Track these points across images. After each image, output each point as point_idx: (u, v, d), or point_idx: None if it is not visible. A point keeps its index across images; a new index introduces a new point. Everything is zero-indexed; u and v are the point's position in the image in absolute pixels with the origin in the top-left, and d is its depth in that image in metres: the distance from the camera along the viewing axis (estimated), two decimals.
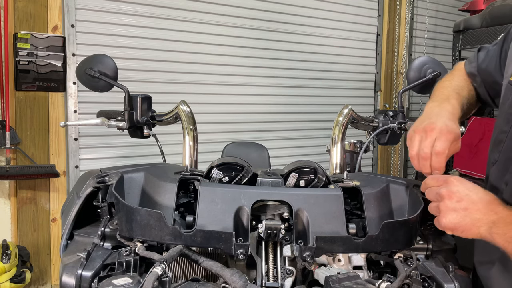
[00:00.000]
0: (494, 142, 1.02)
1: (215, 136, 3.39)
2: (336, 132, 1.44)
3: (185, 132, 1.42)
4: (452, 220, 0.81)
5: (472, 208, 0.81)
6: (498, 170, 0.98)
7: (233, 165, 1.07)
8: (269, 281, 0.93)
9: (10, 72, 2.70)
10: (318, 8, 3.95)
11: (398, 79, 4.55)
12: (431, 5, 4.66)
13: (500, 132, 0.99)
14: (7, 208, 2.80)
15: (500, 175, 0.96)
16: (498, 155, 0.98)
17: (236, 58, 3.56)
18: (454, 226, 0.82)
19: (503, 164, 0.96)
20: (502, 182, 0.95)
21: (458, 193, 0.82)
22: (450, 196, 0.82)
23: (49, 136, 2.89)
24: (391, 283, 0.86)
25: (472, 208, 0.81)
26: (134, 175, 1.05)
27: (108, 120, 1.55)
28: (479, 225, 0.80)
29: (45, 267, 2.98)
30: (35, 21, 2.77)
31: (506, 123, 0.96)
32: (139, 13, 3.13)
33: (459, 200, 0.82)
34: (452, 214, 0.82)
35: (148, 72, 3.19)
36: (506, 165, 0.95)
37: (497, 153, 0.99)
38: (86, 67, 1.48)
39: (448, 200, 0.82)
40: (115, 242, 0.98)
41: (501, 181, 0.96)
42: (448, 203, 0.82)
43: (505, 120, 0.97)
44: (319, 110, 4.02)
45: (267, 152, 2.31)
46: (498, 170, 0.98)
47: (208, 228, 0.90)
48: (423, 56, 1.57)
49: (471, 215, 0.81)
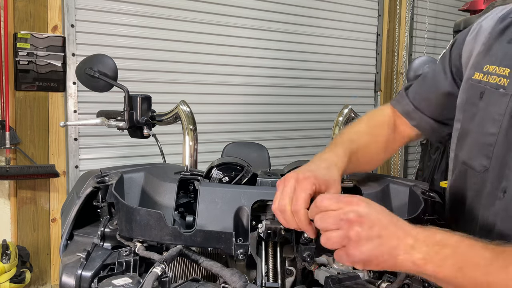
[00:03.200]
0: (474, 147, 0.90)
1: (215, 136, 3.39)
2: (336, 132, 1.44)
3: (185, 132, 1.41)
4: (366, 251, 0.66)
5: (385, 234, 0.66)
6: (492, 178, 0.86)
7: (233, 165, 1.07)
8: (269, 281, 0.93)
9: (10, 72, 2.70)
10: (318, 8, 3.95)
11: (398, 79, 4.55)
12: (431, 5, 4.66)
13: (483, 134, 0.87)
14: (7, 208, 2.80)
15: (495, 183, 0.85)
16: (489, 162, 0.86)
17: (236, 58, 3.56)
18: (368, 258, 0.66)
19: (498, 171, 0.84)
20: (499, 190, 0.84)
21: (368, 217, 0.67)
22: (361, 221, 0.66)
23: (49, 136, 2.89)
24: (391, 283, 0.86)
25: (386, 234, 0.66)
26: (134, 175, 1.05)
27: (108, 120, 1.55)
28: (397, 254, 0.65)
29: (45, 267, 2.98)
30: (35, 21, 2.76)
31: (492, 124, 0.85)
32: (139, 13, 3.13)
33: (371, 226, 0.66)
34: (366, 244, 0.66)
35: (148, 72, 3.19)
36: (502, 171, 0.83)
37: (485, 159, 0.87)
38: (86, 67, 1.48)
39: (359, 227, 0.66)
40: (115, 242, 0.97)
41: (497, 190, 0.84)
42: (359, 230, 0.66)
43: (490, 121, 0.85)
44: (319, 110, 4.02)
45: (267, 152, 2.30)
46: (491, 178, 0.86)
47: (208, 228, 0.90)
48: (423, 56, 1.57)
49: (387, 242, 0.66)
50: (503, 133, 0.83)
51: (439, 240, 0.66)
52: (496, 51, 0.88)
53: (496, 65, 0.86)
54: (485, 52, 0.90)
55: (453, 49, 1.00)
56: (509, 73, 0.83)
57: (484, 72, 0.88)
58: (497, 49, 0.88)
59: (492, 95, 0.86)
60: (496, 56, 0.87)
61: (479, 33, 0.93)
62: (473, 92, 0.90)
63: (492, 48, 0.89)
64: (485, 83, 0.87)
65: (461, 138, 0.95)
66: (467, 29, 0.98)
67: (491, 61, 0.88)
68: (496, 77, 0.85)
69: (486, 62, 0.89)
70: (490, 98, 0.86)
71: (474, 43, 0.94)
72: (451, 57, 1.00)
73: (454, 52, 1.00)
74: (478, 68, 0.90)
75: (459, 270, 0.63)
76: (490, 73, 0.87)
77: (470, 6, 3.87)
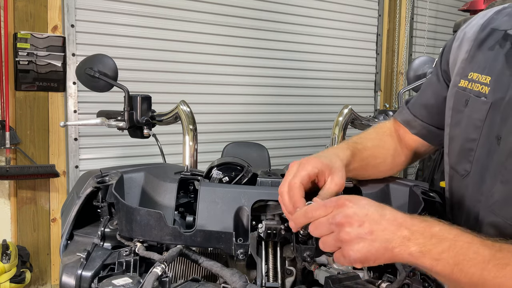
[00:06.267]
0: (459, 153, 0.92)
1: (215, 136, 3.39)
2: (336, 132, 1.44)
3: (185, 132, 1.41)
4: (361, 249, 0.66)
5: (377, 229, 0.66)
6: (473, 182, 0.88)
7: (233, 165, 1.07)
8: (269, 281, 0.93)
9: (10, 72, 2.70)
10: (318, 8, 3.95)
11: (398, 79, 4.55)
12: (431, 5, 4.66)
13: (466, 140, 0.89)
14: (7, 208, 2.80)
15: (476, 186, 0.87)
16: (470, 166, 0.88)
17: (236, 58, 3.56)
18: (364, 256, 0.66)
19: (478, 175, 0.86)
20: (479, 193, 0.86)
21: (356, 215, 0.68)
22: (349, 221, 0.67)
23: (49, 136, 2.89)
24: (391, 283, 0.86)
25: (378, 229, 0.66)
26: (134, 175, 1.05)
27: (108, 120, 1.55)
28: (392, 246, 0.65)
29: (45, 267, 2.98)
30: (35, 21, 2.77)
31: (473, 130, 0.87)
32: (139, 13, 3.13)
33: (360, 224, 0.67)
34: (359, 243, 0.66)
35: (148, 72, 3.19)
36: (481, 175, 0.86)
37: (467, 163, 0.89)
38: (86, 67, 1.48)
39: (348, 227, 0.67)
40: (115, 242, 0.97)
41: (478, 193, 0.86)
42: (350, 230, 0.67)
43: (472, 127, 0.88)
44: (319, 110, 4.02)
45: (267, 152, 2.30)
46: (472, 182, 0.88)
47: (208, 228, 0.90)
48: (423, 56, 1.57)
49: (380, 237, 0.66)
50: (483, 138, 0.86)
51: (437, 232, 0.66)
52: (479, 59, 0.90)
53: (479, 72, 0.88)
54: (470, 60, 0.93)
55: (443, 56, 1.03)
56: (490, 81, 0.85)
57: (468, 79, 0.90)
58: (480, 57, 0.90)
59: (475, 103, 0.88)
60: (479, 64, 0.90)
61: (463, 40, 0.96)
62: (459, 99, 0.93)
63: (476, 56, 0.92)
64: (469, 91, 0.90)
65: (450, 143, 0.97)
66: (453, 36, 1.01)
67: (475, 68, 0.90)
68: (479, 85, 0.87)
69: (470, 70, 0.91)
70: (473, 106, 0.88)
71: (458, 51, 0.96)
72: (441, 64, 1.03)
73: (443, 58, 1.02)
74: (463, 75, 0.93)
75: (456, 265, 0.63)
76: (473, 80, 0.89)
77: (470, 6, 3.87)
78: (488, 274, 0.62)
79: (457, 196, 0.95)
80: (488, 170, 0.84)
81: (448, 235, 0.66)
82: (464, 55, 0.94)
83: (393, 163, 1.08)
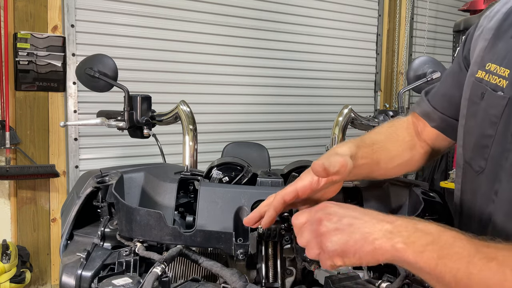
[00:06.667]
0: (474, 148, 0.88)
1: (215, 136, 3.39)
2: (336, 132, 1.44)
3: (185, 132, 1.41)
4: (338, 241, 0.64)
5: (357, 222, 0.65)
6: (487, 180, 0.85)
7: (233, 165, 1.07)
8: (269, 281, 0.93)
9: (10, 72, 2.70)
10: (318, 8, 3.95)
11: (398, 79, 4.55)
12: (431, 5, 4.66)
13: (482, 136, 0.86)
14: (7, 208, 2.80)
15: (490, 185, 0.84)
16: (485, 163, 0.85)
17: (236, 58, 3.56)
18: (342, 248, 0.64)
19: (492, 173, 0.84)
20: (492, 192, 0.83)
21: (336, 213, 0.68)
22: (328, 217, 0.67)
23: (49, 136, 2.89)
24: (391, 283, 0.86)
25: (358, 223, 0.65)
26: (134, 175, 1.05)
27: (108, 120, 1.55)
28: (373, 238, 0.63)
29: (45, 267, 2.98)
30: (35, 21, 2.77)
31: (489, 126, 0.84)
32: (139, 13, 3.13)
33: (340, 219, 0.66)
34: (336, 234, 0.65)
35: (148, 72, 3.19)
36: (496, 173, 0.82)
37: (482, 160, 0.86)
38: (86, 67, 1.48)
39: (327, 221, 0.67)
40: (115, 242, 0.98)
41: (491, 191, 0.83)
42: (327, 224, 0.66)
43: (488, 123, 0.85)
44: (319, 110, 4.02)
45: (267, 152, 2.30)
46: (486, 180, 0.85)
47: (208, 228, 0.90)
48: (423, 56, 1.57)
49: (359, 229, 0.64)
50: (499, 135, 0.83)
51: (421, 227, 0.65)
52: (499, 49, 0.86)
53: (498, 63, 0.85)
54: (489, 49, 0.89)
55: (465, 45, 0.98)
56: (508, 74, 0.82)
57: (486, 70, 0.87)
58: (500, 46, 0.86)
59: (491, 97, 0.85)
60: (498, 54, 0.86)
61: (485, 28, 0.92)
62: (476, 90, 0.89)
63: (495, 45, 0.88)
64: (486, 83, 0.86)
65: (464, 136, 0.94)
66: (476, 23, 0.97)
67: (494, 58, 0.86)
68: (497, 77, 0.84)
69: (488, 60, 0.87)
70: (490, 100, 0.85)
71: (478, 38, 0.92)
72: (464, 53, 0.99)
73: (466, 47, 0.98)
74: (481, 65, 0.89)
75: (440, 259, 0.61)
76: (491, 72, 0.85)
77: (470, 6, 3.87)
78: (473, 267, 0.60)
79: (469, 192, 0.92)
80: (503, 169, 0.81)
81: (432, 231, 0.64)
82: (484, 43, 0.90)
83: (411, 157, 1.02)
